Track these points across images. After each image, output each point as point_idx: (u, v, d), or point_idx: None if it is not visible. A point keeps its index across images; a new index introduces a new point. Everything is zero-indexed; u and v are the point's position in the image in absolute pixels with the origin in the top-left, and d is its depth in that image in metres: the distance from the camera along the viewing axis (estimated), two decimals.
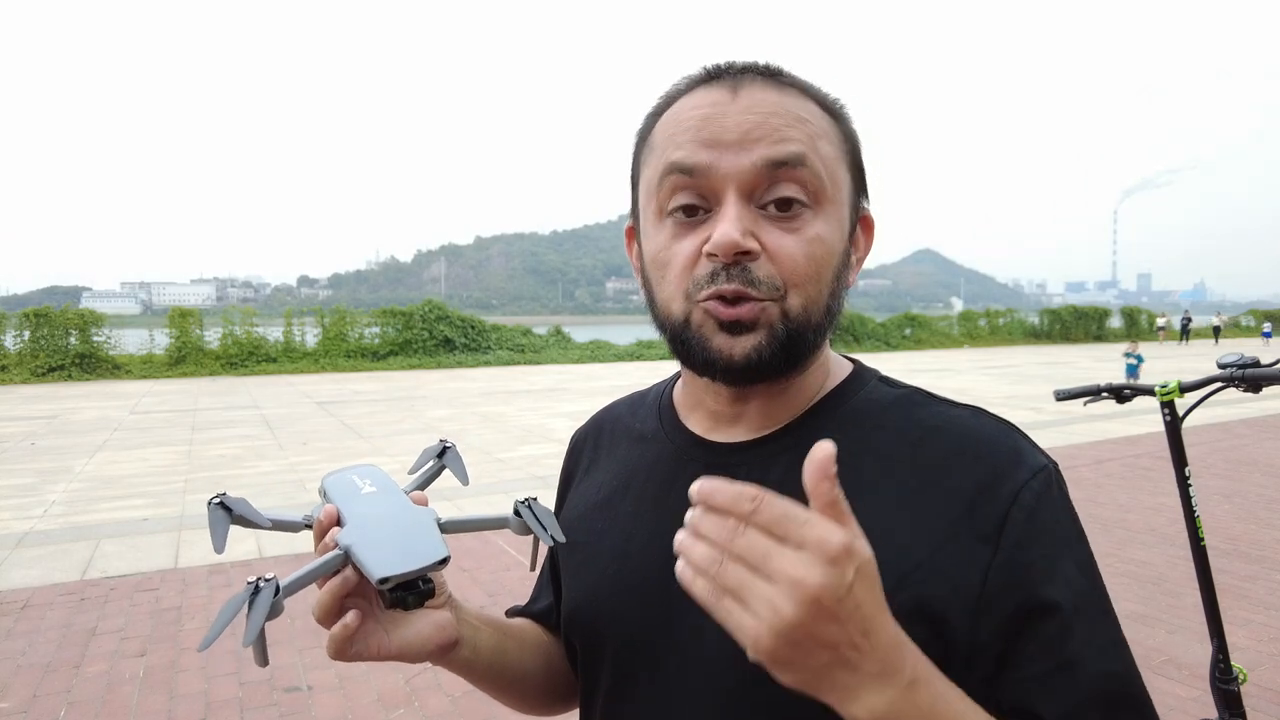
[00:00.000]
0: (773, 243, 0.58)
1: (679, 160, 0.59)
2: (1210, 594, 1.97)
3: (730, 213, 0.57)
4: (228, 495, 0.59)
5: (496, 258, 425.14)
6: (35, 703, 3.02)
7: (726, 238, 0.56)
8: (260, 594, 0.53)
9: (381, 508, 0.61)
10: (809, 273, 0.59)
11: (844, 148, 0.63)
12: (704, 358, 0.60)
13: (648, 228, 0.64)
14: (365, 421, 10.95)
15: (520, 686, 0.76)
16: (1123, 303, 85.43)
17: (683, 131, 0.60)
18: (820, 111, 0.62)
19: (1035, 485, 0.58)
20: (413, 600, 0.58)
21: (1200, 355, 24.25)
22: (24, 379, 17.31)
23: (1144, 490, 6.22)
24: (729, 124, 0.58)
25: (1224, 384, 1.90)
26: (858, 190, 0.65)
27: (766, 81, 0.61)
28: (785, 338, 0.59)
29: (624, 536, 0.69)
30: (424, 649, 0.61)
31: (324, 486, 0.64)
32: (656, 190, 0.62)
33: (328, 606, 0.57)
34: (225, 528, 0.59)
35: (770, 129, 0.58)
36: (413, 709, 2.96)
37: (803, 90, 0.62)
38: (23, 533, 5.44)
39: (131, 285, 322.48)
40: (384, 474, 0.66)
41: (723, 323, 0.59)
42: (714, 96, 0.60)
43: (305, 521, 0.64)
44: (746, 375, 0.60)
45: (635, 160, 0.67)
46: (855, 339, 28.38)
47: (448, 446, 0.72)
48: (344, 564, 0.57)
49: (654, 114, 0.65)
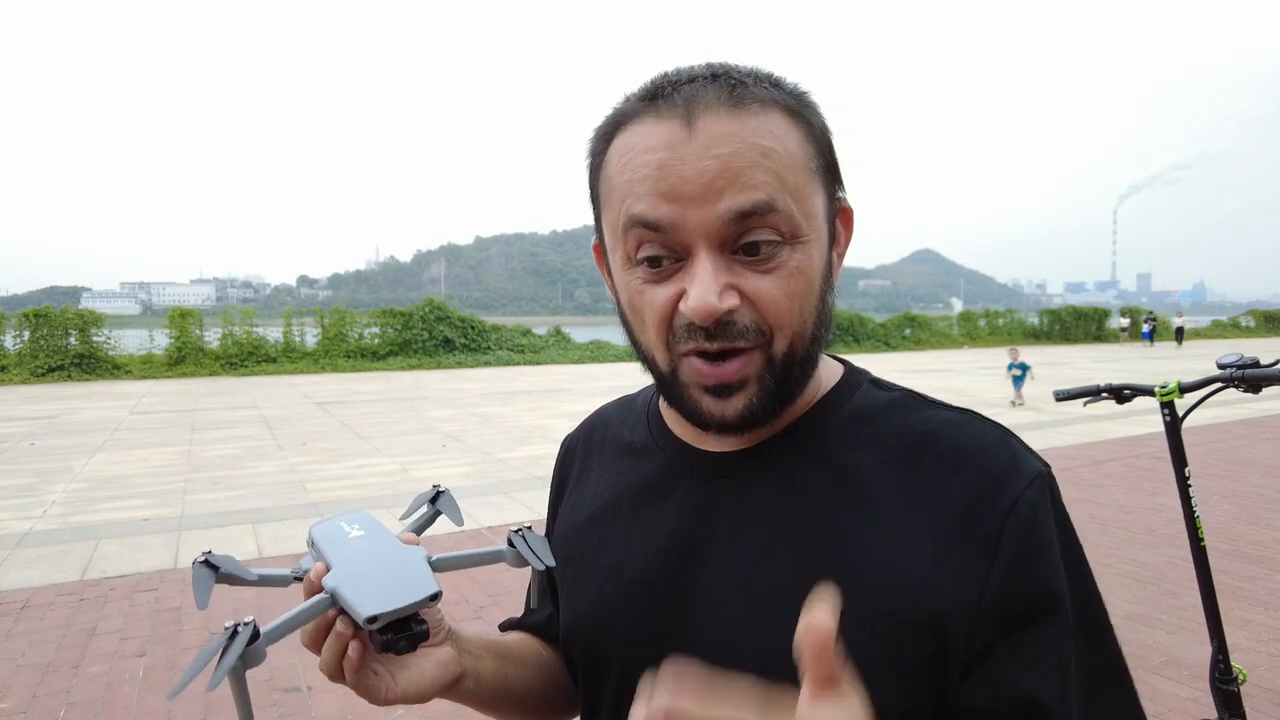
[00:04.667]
0: (751, 288, 0.56)
1: (640, 214, 0.56)
2: (1210, 594, 1.97)
3: (704, 272, 0.55)
4: (213, 553, 0.58)
5: (496, 258, 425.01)
6: (35, 703, 3.02)
7: (703, 304, 0.54)
8: (235, 638, 0.50)
9: (368, 549, 0.59)
10: (792, 311, 0.57)
11: (814, 156, 0.59)
12: (695, 417, 0.60)
13: (617, 267, 0.61)
14: (365, 422, 10.94)
15: (523, 707, 0.76)
16: (1122, 303, 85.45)
17: (640, 180, 0.56)
18: (784, 121, 0.57)
19: (1031, 495, 0.57)
20: (405, 644, 0.56)
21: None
22: (24, 379, 17.30)
23: (1144, 490, 6.22)
24: (688, 172, 0.54)
25: (1224, 384, 1.91)
26: (832, 189, 0.62)
27: (721, 103, 0.55)
28: (775, 387, 0.58)
29: (619, 551, 0.68)
30: (429, 689, 0.61)
31: (312, 536, 0.63)
32: (622, 239, 0.59)
33: (332, 663, 0.57)
34: (209, 585, 0.57)
35: (733, 174, 0.54)
36: (412, 711, 2.96)
37: (762, 101, 0.56)
38: (22, 533, 5.44)
39: (131, 285, 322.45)
40: (373, 519, 0.64)
41: (709, 386, 0.58)
42: (668, 134, 0.55)
43: (294, 575, 0.62)
44: (741, 431, 0.60)
45: (592, 183, 0.64)
46: (855, 339, 28.39)
47: (440, 491, 0.71)
48: (330, 607, 0.56)
49: (603, 137, 0.61)
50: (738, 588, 0.60)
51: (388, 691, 0.59)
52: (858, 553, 0.57)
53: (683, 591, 0.62)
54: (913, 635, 0.54)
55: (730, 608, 0.60)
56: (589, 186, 0.65)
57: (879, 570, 0.56)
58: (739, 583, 0.60)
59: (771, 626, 0.57)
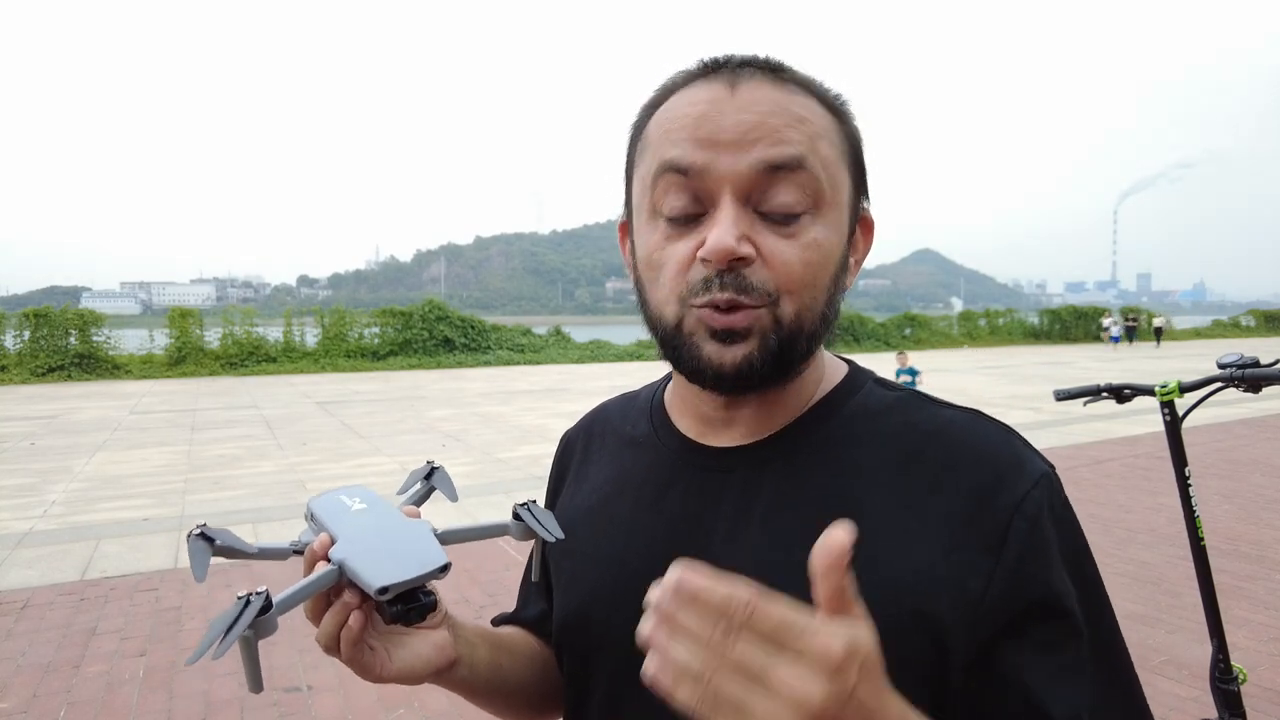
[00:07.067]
0: (769, 247, 0.57)
1: (674, 159, 0.57)
2: (1210, 594, 1.97)
3: (726, 217, 0.56)
4: (208, 526, 0.57)
5: (496, 258, 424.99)
6: (35, 703, 3.02)
7: (721, 244, 0.55)
8: (247, 608, 0.50)
9: (374, 521, 0.59)
10: (805, 279, 0.57)
11: (845, 148, 0.61)
12: (694, 365, 0.60)
13: (641, 226, 0.62)
14: (365, 421, 10.94)
15: (513, 699, 0.75)
16: (1123, 303, 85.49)
17: (678, 129, 0.58)
18: (822, 110, 0.60)
19: (1037, 495, 0.57)
20: (415, 614, 0.56)
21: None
22: (24, 379, 17.29)
23: (1144, 490, 6.22)
24: (726, 123, 0.56)
25: (1224, 384, 1.90)
26: (858, 191, 0.63)
27: (766, 77, 0.58)
28: (777, 347, 0.58)
29: (617, 544, 0.68)
30: (424, 670, 0.61)
31: (311, 509, 0.62)
32: (651, 188, 0.60)
33: (332, 634, 0.57)
34: (206, 558, 0.56)
35: (769, 129, 0.56)
36: (413, 709, 2.96)
37: (804, 87, 0.60)
38: (23, 533, 5.44)
39: (131, 285, 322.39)
40: (373, 492, 0.64)
41: (715, 330, 0.58)
42: (712, 92, 0.58)
43: (294, 548, 0.61)
44: (736, 384, 0.59)
45: (630, 154, 0.65)
46: (855, 339, 28.37)
47: (435, 468, 0.70)
48: (338, 579, 0.56)
49: (649, 107, 0.63)
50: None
51: (382, 668, 0.59)
52: (858, 548, 0.57)
53: None
54: (913, 632, 0.54)
55: None
56: (626, 158, 0.66)
57: (879, 566, 0.56)
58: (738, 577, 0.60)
59: None
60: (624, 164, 0.67)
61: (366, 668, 0.58)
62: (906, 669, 0.54)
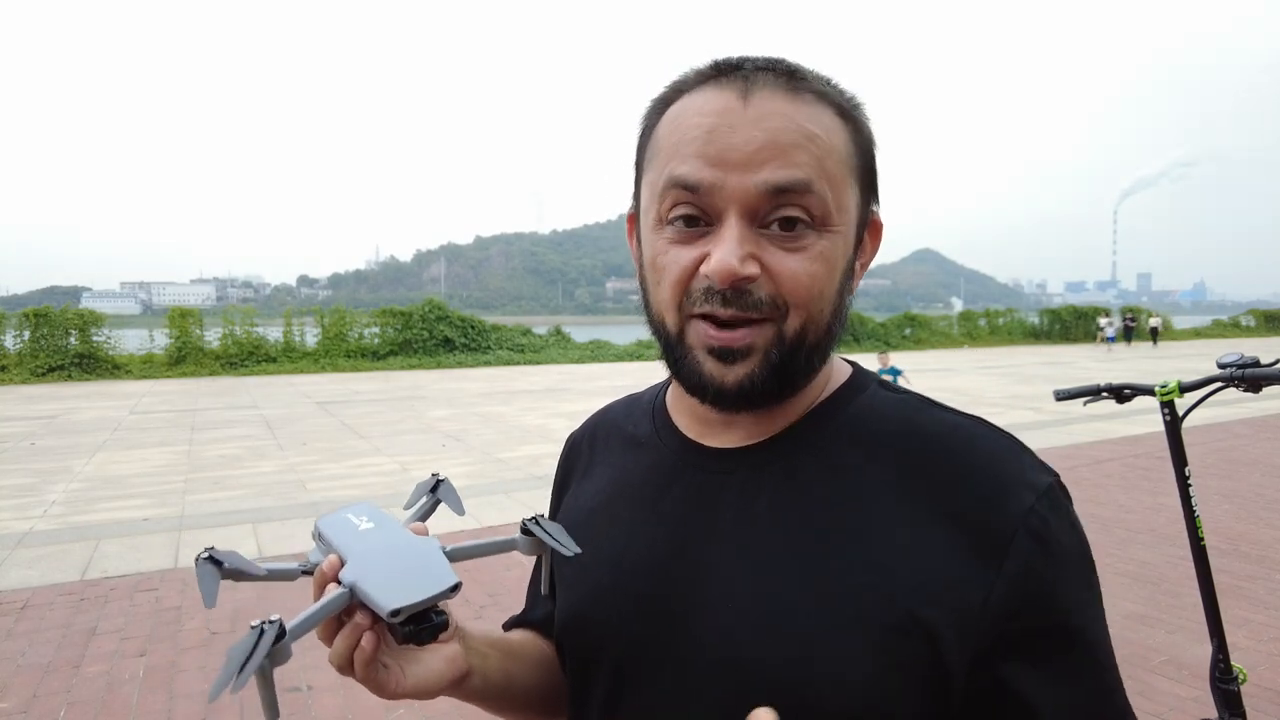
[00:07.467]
0: (774, 262, 0.57)
1: (682, 176, 0.58)
2: (1210, 594, 1.97)
3: (730, 236, 0.56)
4: (216, 549, 0.56)
5: (496, 258, 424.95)
6: (35, 703, 3.02)
7: (725, 265, 0.55)
8: (262, 638, 0.50)
9: (383, 541, 0.59)
10: (811, 292, 0.58)
11: (855, 155, 0.61)
12: (695, 381, 0.60)
13: (648, 229, 0.63)
14: (365, 421, 10.94)
15: (524, 703, 0.75)
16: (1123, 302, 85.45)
17: (688, 142, 0.58)
18: (834, 118, 0.59)
19: (1042, 507, 0.56)
20: (427, 634, 0.56)
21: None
22: (24, 379, 17.30)
23: (1144, 490, 6.22)
24: (736, 140, 0.56)
25: (1224, 384, 1.90)
26: (867, 196, 0.63)
27: (780, 86, 0.58)
28: (779, 363, 0.58)
29: (618, 544, 0.68)
30: (438, 685, 0.61)
31: (319, 529, 0.62)
32: (659, 199, 0.60)
33: (344, 655, 0.56)
34: (215, 582, 0.55)
35: (778, 150, 0.56)
36: (413, 709, 2.96)
37: (818, 94, 0.59)
38: (23, 533, 5.44)
39: (131, 285, 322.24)
40: (379, 510, 0.63)
41: (714, 348, 0.58)
42: (723, 101, 0.58)
43: (303, 569, 0.61)
44: (738, 403, 0.60)
45: (640, 149, 0.65)
46: (855, 339, 28.36)
47: (440, 480, 0.70)
48: (349, 602, 0.55)
49: (661, 103, 0.63)
50: (736, 583, 0.60)
51: (397, 685, 0.58)
52: (856, 553, 0.57)
53: (681, 586, 0.62)
54: (908, 638, 0.54)
55: (728, 603, 0.60)
56: (636, 152, 0.66)
57: (876, 571, 0.56)
58: (737, 578, 0.60)
59: (768, 623, 0.57)
60: (634, 155, 0.67)
61: (381, 685, 0.58)
62: (903, 675, 0.54)
